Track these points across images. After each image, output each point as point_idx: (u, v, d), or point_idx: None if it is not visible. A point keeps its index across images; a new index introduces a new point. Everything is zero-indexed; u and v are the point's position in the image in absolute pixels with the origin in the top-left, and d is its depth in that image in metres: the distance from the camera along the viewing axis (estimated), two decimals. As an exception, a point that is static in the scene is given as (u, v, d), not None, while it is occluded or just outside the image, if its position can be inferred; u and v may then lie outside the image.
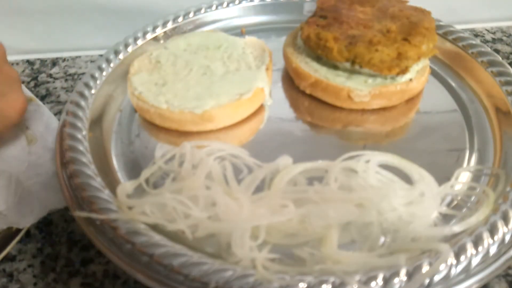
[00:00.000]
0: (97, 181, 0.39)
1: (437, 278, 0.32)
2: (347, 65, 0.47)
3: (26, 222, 0.42)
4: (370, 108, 0.49)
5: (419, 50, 0.46)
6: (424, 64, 0.50)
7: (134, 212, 0.37)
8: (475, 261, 0.33)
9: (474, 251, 0.34)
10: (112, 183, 0.41)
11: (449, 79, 0.53)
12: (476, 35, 0.64)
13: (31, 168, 0.44)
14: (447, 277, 0.33)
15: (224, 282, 0.32)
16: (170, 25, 0.59)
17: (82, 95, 0.48)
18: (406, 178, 0.41)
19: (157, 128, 0.48)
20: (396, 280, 0.32)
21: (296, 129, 0.48)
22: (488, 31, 0.66)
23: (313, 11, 0.54)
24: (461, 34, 0.55)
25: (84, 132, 0.44)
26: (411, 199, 0.38)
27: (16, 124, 0.42)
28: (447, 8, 0.64)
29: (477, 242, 0.34)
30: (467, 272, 0.33)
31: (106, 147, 0.46)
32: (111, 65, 0.52)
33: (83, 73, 0.64)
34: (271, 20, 0.63)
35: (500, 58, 0.51)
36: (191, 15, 0.60)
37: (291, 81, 0.53)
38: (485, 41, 0.64)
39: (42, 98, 0.55)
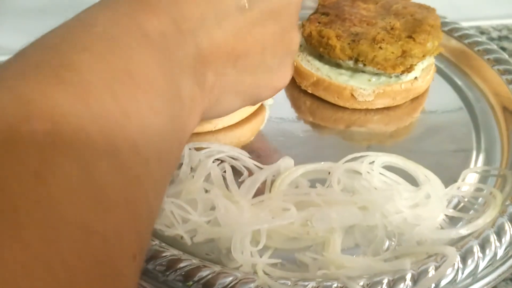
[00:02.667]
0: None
1: (443, 282, 0.32)
2: (350, 63, 0.47)
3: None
4: (374, 107, 0.48)
5: (424, 48, 0.45)
6: (429, 62, 0.49)
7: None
8: (482, 265, 0.33)
9: (481, 254, 0.33)
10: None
11: (454, 77, 0.52)
12: (482, 33, 0.63)
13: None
14: (453, 281, 0.32)
15: (224, 288, 0.31)
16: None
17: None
18: (411, 180, 0.40)
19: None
20: (401, 285, 0.31)
21: (298, 129, 0.47)
22: (494, 28, 0.65)
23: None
24: (467, 32, 0.54)
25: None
26: (417, 201, 0.37)
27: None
28: (452, 5, 0.64)
29: (484, 245, 0.33)
30: (474, 276, 0.32)
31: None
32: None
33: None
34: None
35: (507, 56, 0.51)
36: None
37: (292, 80, 0.51)
38: (491, 39, 0.63)
39: (41, 100, 0.54)
